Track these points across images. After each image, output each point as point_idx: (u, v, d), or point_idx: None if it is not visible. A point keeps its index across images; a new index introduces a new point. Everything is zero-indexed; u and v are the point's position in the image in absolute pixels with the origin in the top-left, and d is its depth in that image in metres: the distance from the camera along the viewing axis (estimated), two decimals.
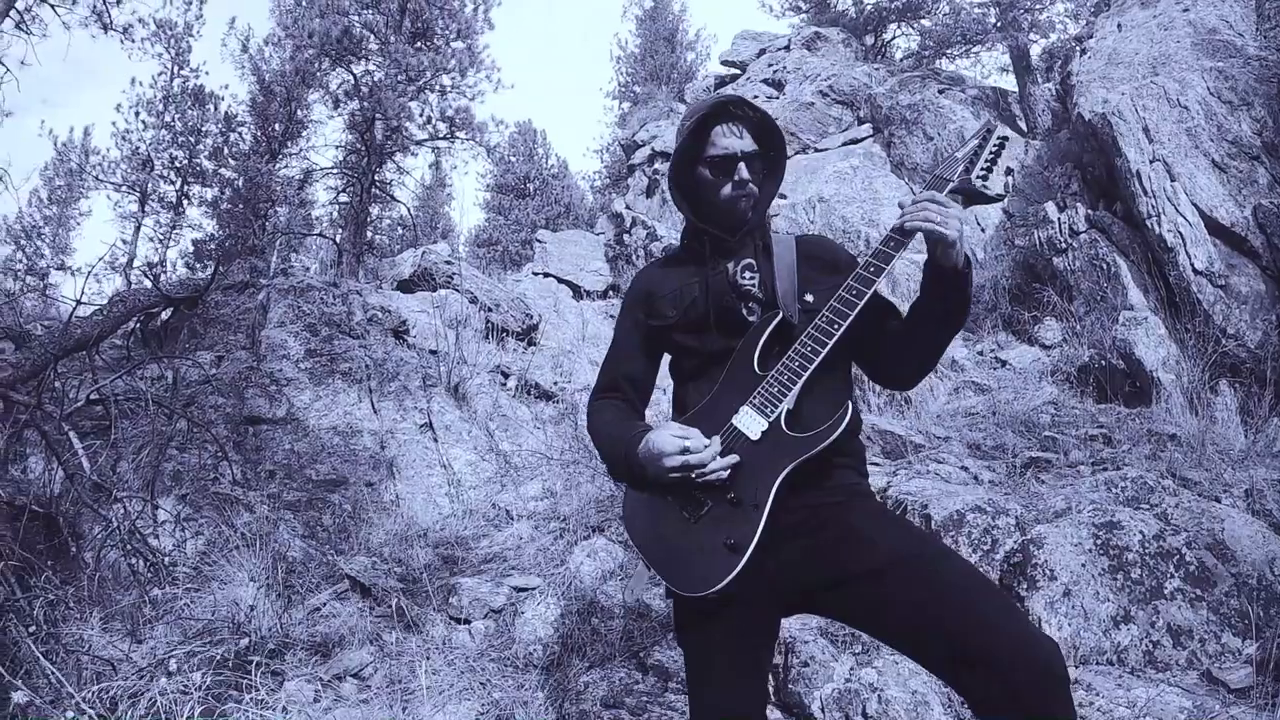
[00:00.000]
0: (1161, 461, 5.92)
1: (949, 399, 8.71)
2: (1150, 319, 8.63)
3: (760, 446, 2.29)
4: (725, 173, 2.52)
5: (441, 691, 4.63)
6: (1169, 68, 10.95)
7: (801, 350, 2.32)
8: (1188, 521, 4.58)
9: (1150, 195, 9.47)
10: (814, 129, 17.29)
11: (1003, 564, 4.41)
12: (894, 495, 5.11)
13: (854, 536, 2.26)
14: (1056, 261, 10.07)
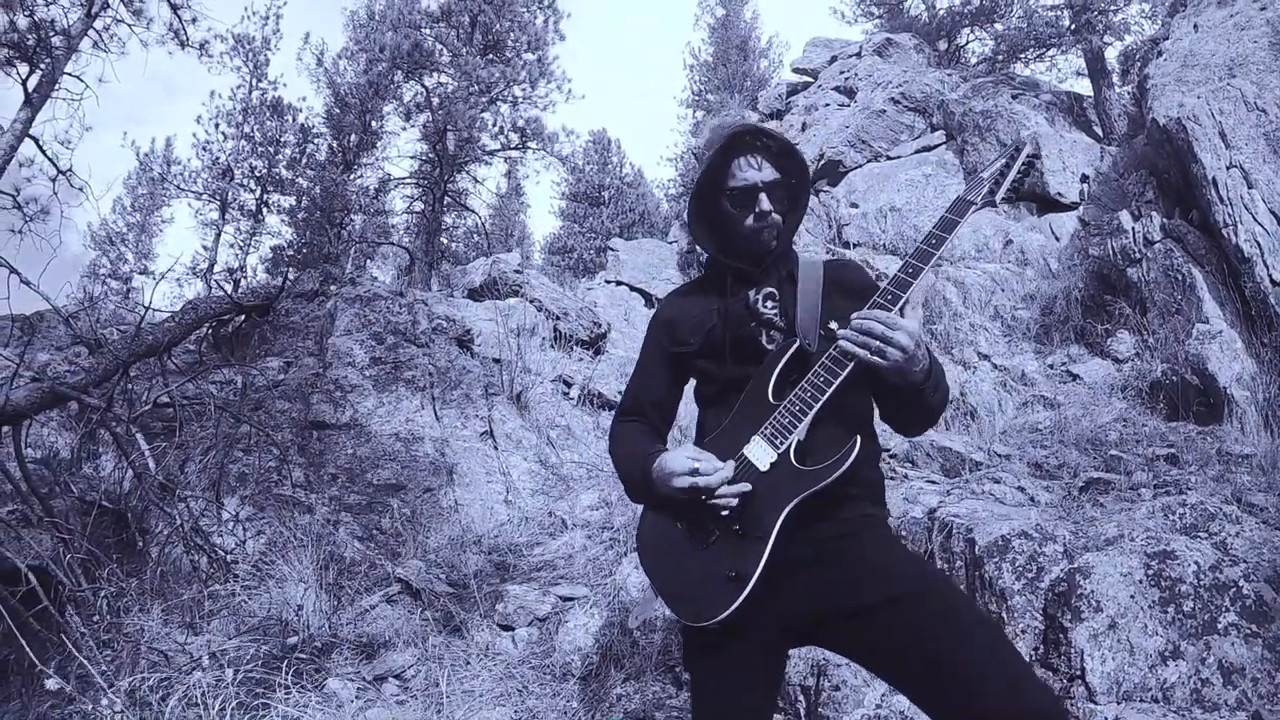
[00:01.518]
0: (1228, 484, 5.76)
1: (1017, 413, 8.57)
2: (1226, 332, 8.39)
3: (769, 478, 2.30)
4: (746, 205, 2.55)
5: (479, 695, 4.74)
6: (1246, 69, 10.62)
7: (814, 381, 2.33)
8: (1248, 551, 4.46)
9: (1227, 203, 9.19)
10: (886, 136, 17.10)
11: (1047, 593, 4.33)
12: (941, 517, 5.06)
13: (858, 571, 2.28)
14: (1130, 272, 9.81)
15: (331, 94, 25.09)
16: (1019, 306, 11.10)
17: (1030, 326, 10.72)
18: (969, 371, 9.55)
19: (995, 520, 4.84)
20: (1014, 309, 11.07)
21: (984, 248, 13.13)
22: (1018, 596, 4.38)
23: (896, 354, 2.19)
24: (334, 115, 25.32)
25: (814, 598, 2.29)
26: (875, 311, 2.26)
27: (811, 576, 2.31)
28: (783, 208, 2.59)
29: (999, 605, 4.40)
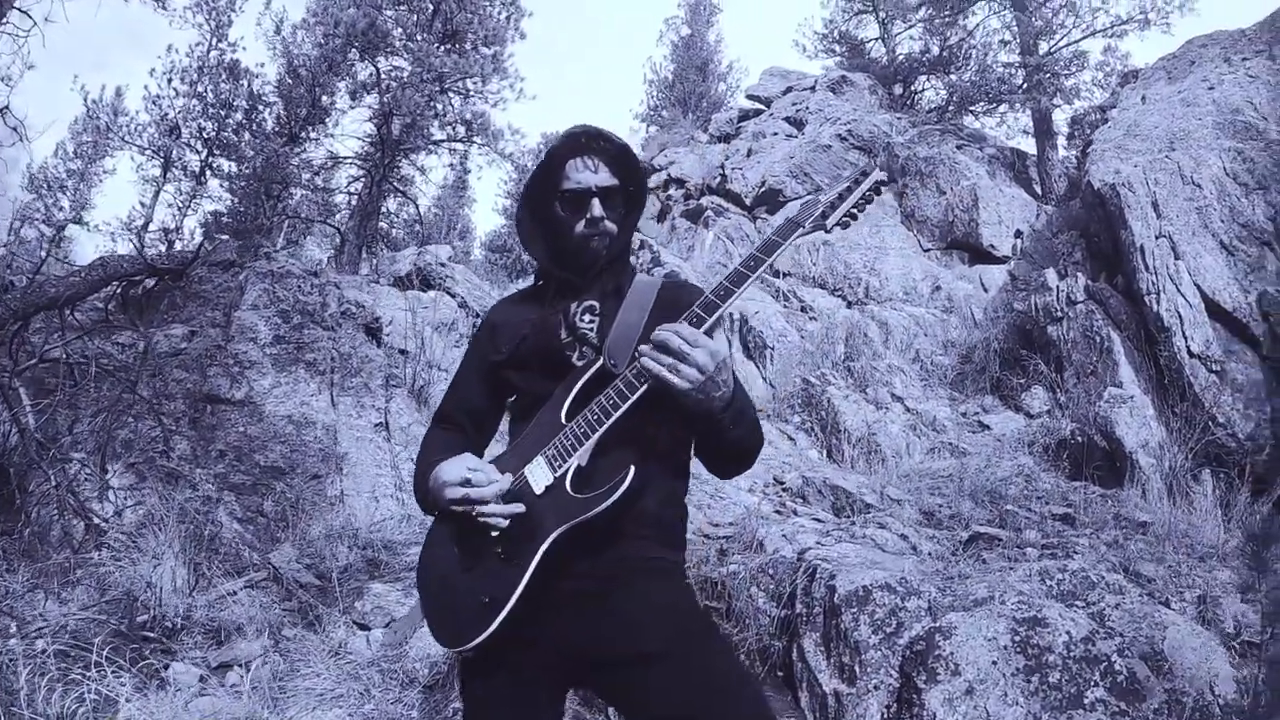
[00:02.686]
0: (1121, 551, 5.65)
1: (923, 458, 8.50)
2: (1138, 398, 8.40)
3: (543, 501, 2.13)
4: (578, 210, 2.38)
5: (319, 695, 4.55)
6: (1187, 144, 10.70)
7: (603, 403, 2.13)
8: (1126, 625, 4.30)
9: (1152, 272, 9.23)
10: (828, 171, 17.14)
11: (905, 650, 4.14)
12: (809, 559, 4.86)
13: (617, 619, 2.11)
14: (1051, 330, 9.84)
15: (285, 63, 24.54)
16: (939, 352, 11.11)
17: (948, 373, 10.72)
18: (880, 412, 9.45)
19: (862, 569, 4.64)
20: (934, 354, 11.08)
21: (912, 291, 13.19)
22: (873, 651, 4.19)
23: (693, 373, 1.99)
24: (285, 85, 24.75)
25: (574, 639, 2.13)
26: (677, 326, 2.06)
27: (575, 616, 2.13)
28: (617, 216, 2.43)
29: (852, 658, 4.20)
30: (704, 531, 6.11)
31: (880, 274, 13.85)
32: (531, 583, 2.04)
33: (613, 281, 2.44)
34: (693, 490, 6.84)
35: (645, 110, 34.46)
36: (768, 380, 10.97)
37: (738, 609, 4.84)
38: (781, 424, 9.68)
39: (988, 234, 14.39)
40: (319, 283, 10.62)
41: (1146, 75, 14.30)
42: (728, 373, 2.06)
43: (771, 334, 11.59)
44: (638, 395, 2.08)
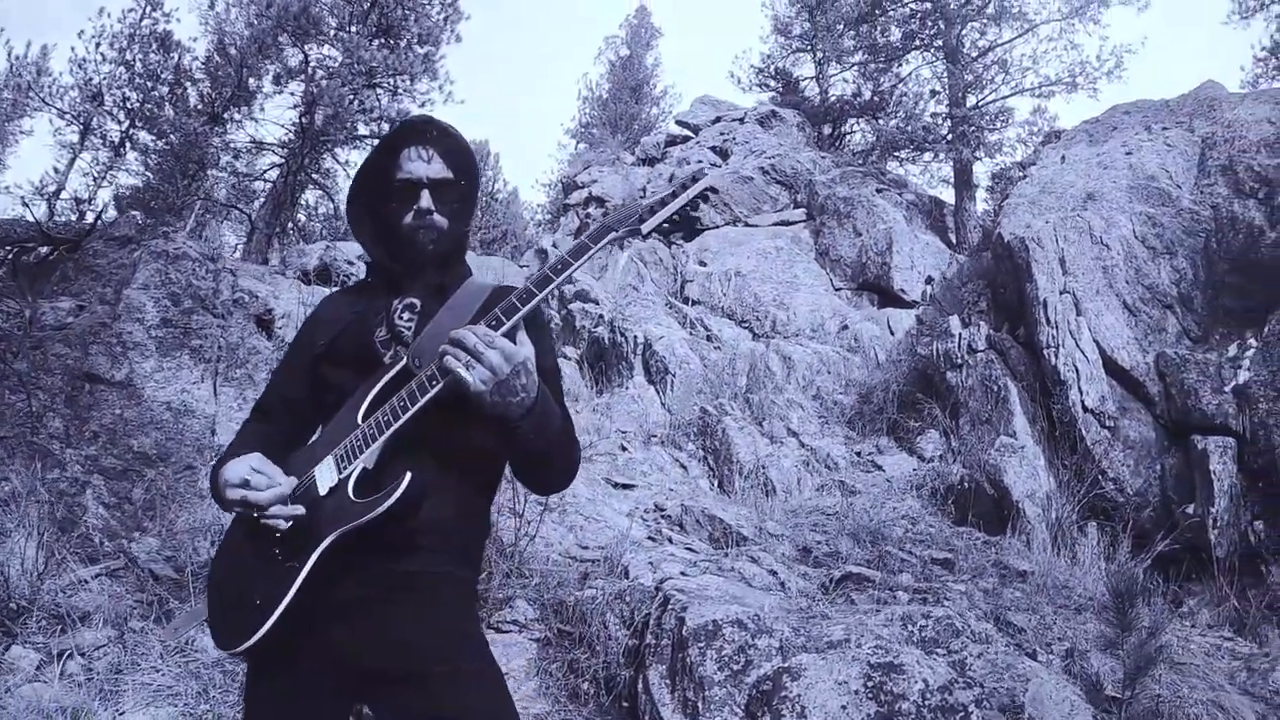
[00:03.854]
0: (995, 599, 5.58)
1: (813, 495, 8.43)
2: (1030, 448, 8.47)
3: (325, 502, 2.05)
4: (407, 200, 2.28)
5: (154, 690, 4.42)
6: (1099, 205, 10.91)
7: (395, 404, 2.05)
8: (987, 675, 4.19)
9: (1053, 326, 9.35)
10: (749, 203, 17.27)
11: (751, 689, 3.99)
12: (666, 589, 4.72)
13: (395, 633, 2.04)
14: (950, 376, 9.92)
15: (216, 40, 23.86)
16: (840, 391, 11.14)
17: (846, 411, 10.74)
18: (774, 445, 9.38)
19: (716, 603, 4.50)
20: (835, 392, 11.11)
21: (819, 328, 13.27)
22: (718, 688, 4.04)
23: (485, 374, 1.90)
24: (214, 63, 24.08)
25: (346, 650, 2.04)
26: (474, 326, 1.97)
27: (349, 626, 2.05)
28: (449, 211, 2.32)
29: (696, 694, 4.05)
30: (571, 554, 5.97)
31: (789, 309, 13.91)
32: (306, 587, 1.95)
33: (438, 279, 2.35)
34: (568, 511, 6.69)
35: (576, 126, 34.54)
36: (666, 406, 10.86)
37: (591, 635, 4.67)
38: (675, 450, 9.55)
39: (899, 278, 14.60)
40: (214, 268, 10.37)
41: (1069, 136, 14.67)
42: (527, 379, 1.97)
43: (674, 360, 11.50)
44: (429, 397, 2.00)
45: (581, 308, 13.82)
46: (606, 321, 12.90)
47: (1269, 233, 9.65)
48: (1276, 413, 8.08)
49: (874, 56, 22.06)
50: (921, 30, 21.10)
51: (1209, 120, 11.93)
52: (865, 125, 22.68)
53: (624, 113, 32.31)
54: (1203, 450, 8.17)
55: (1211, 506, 7.87)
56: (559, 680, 4.48)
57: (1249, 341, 8.96)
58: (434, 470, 2.07)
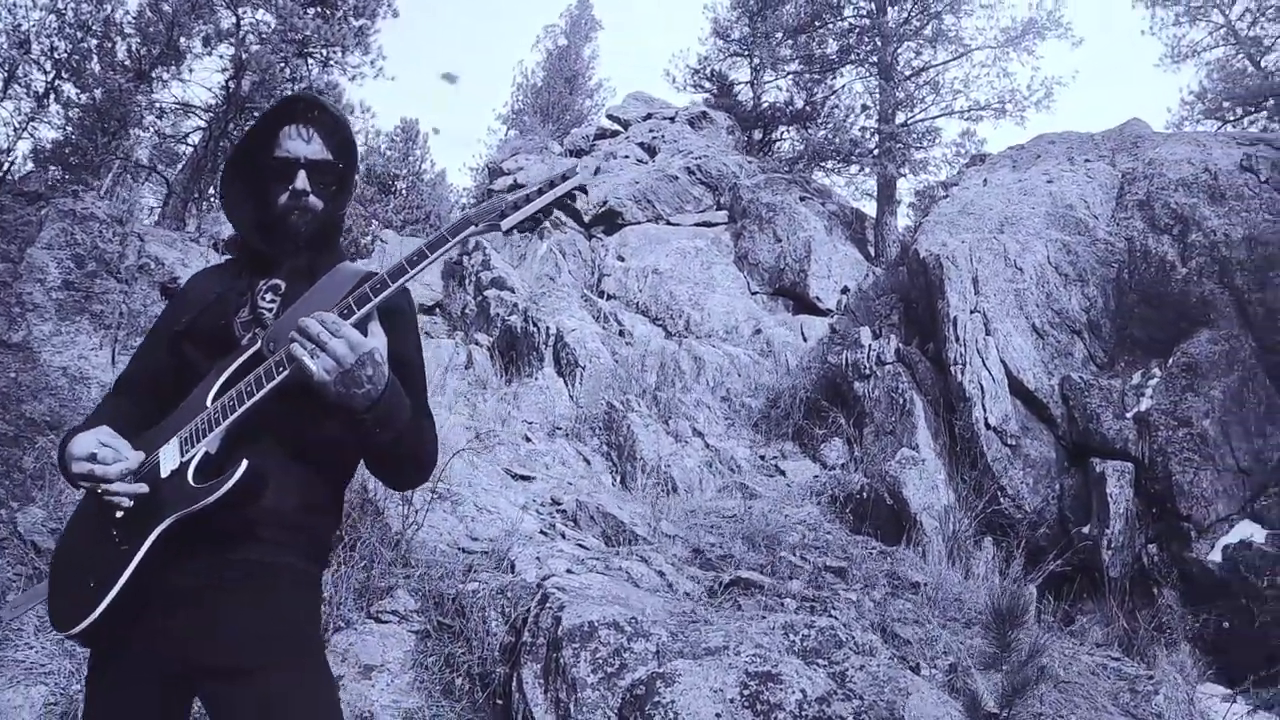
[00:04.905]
0: (884, 610, 5.53)
1: (714, 496, 8.37)
2: (931, 462, 8.54)
3: (166, 485, 1.97)
4: (283, 180, 2.21)
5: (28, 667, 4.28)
6: (1016, 229, 11.05)
7: (242, 389, 1.98)
8: (868, 687, 4.12)
9: (962, 343, 9.44)
10: (672, 202, 17.23)
11: (625, 693, 3.90)
12: (548, 587, 4.58)
13: (225, 625, 1.98)
14: (858, 386, 9.99)
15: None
16: (748, 394, 11.14)
17: (754, 415, 10.70)
18: (678, 444, 9.31)
19: (595, 603, 4.39)
20: (743, 395, 11.09)
21: (733, 331, 13.27)
22: (590, 690, 3.93)
23: (329, 362, 1.85)
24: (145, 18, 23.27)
25: (178, 638, 1.96)
26: (322, 313, 1.91)
27: (180, 613, 1.98)
28: (324, 193, 2.27)
29: (569, 695, 3.95)
30: (459, 545, 5.82)
31: (704, 309, 13.89)
32: (141, 573, 1.90)
33: (307, 263, 2.27)
34: (461, 501, 6.52)
35: (508, 112, 34.21)
36: (574, 399, 10.72)
37: (470, 629, 4.52)
38: (579, 444, 9.43)
39: (816, 286, 14.68)
40: (122, 231, 10.10)
41: (993, 160, 14.92)
42: (375, 370, 1.91)
43: (585, 353, 11.38)
44: (274, 384, 1.94)
45: (497, 295, 13.62)
46: (520, 310, 12.72)
47: (1180, 268, 9.84)
48: (1175, 441, 8.25)
49: (809, 67, 22.18)
50: (858, 45, 21.25)
51: (1131, 156, 12.16)
52: (795, 133, 22.79)
53: (556, 102, 32.09)
54: (1101, 473, 8.34)
55: (1107, 528, 8.04)
56: (434, 674, 4.35)
57: (1153, 371, 9.15)
58: (280, 458, 2.04)
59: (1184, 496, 8.03)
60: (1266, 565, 7.37)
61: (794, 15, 22.25)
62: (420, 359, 2.35)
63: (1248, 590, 7.35)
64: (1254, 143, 11.82)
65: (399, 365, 2.06)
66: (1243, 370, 8.86)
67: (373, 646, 4.37)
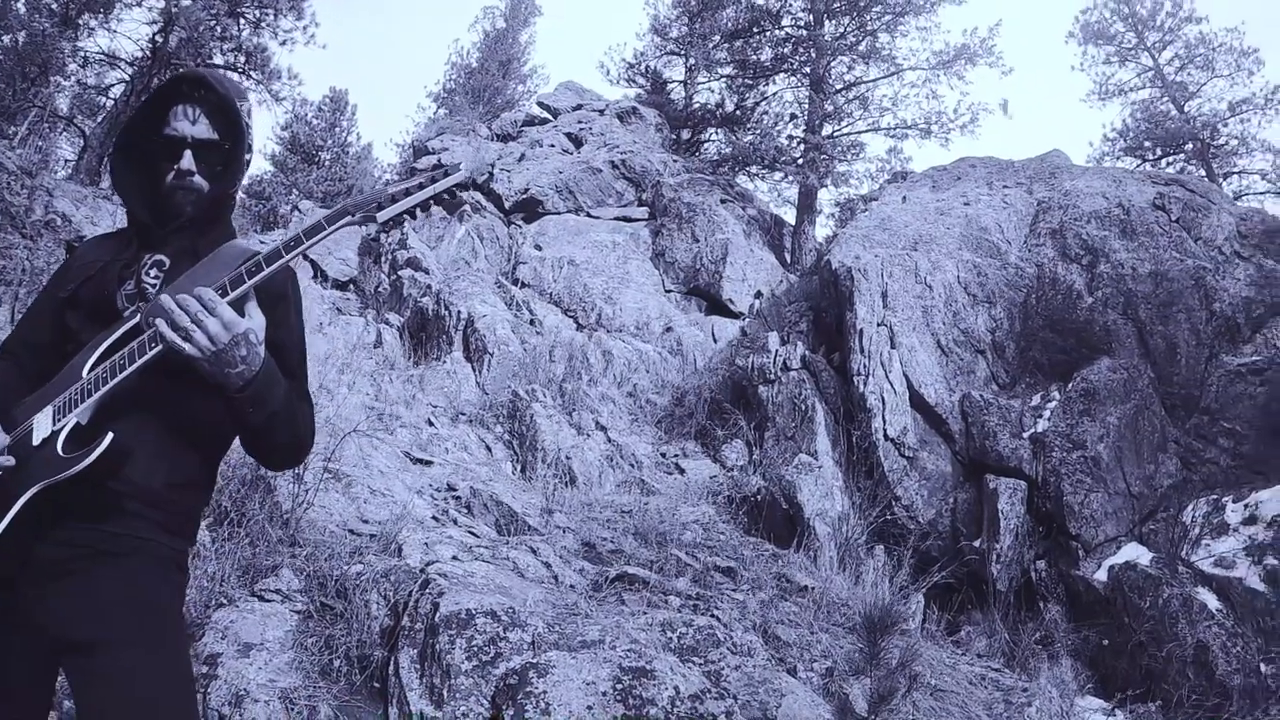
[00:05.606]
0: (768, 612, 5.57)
1: (613, 490, 8.38)
2: (828, 469, 8.65)
3: (35, 453, 1.98)
4: (170, 158, 2.24)
5: None
6: (929, 248, 11.24)
7: (118, 361, 2.00)
8: (742, 687, 4.16)
9: (866, 355, 9.60)
10: (594, 194, 17.26)
11: (499, 681, 3.90)
12: (430, 573, 4.57)
13: (84, 599, 1.97)
14: (762, 390, 10.10)
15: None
16: (655, 391, 11.19)
17: (657, 412, 10.77)
18: (581, 437, 9.30)
19: (475, 591, 4.40)
20: (649, 392, 11.14)
21: (644, 327, 13.32)
22: (464, 677, 3.93)
23: (203, 340, 1.90)
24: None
25: (39, 610, 1.97)
26: (199, 291, 1.95)
27: (43, 586, 1.98)
28: (210, 172, 2.29)
29: (443, 681, 3.93)
30: (350, 526, 5.73)
31: (617, 304, 13.96)
32: (6, 543, 1.90)
33: (192, 241, 2.30)
34: (355, 483, 6.41)
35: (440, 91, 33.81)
36: (481, 385, 10.65)
37: (351, 611, 4.45)
38: (482, 431, 9.35)
39: (729, 288, 14.85)
40: (31, 184, 9.73)
41: (914, 179, 15.15)
42: (249, 351, 1.97)
43: (494, 340, 11.32)
44: (146, 359, 1.96)
45: (411, 275, 13.47)
46: (433, 293, 12.59)
47: (1086, 297, 10.12)
48: (1069, 463, 8.47)
49: (743, 72, 22.42)
50: (792, 55, 21.56)
51: (1048, 186, 12.44)
52: (722, 136, 22.97)
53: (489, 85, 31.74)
54: (994, 489, 8.53)
55: (996, 543, 8.22)
56: (314, 655, 4.27)
57: (1052, 394, 9.39)
58: (152, 432, 2.06)
59: (1074, 517, 8.24)
60: (1149, 586, 7.60)
61: (733, 19, 22.54)
62: (301, 342, 2.36)
63: (1130, 609, 7.57)
64: (1168, 183, 12.21)
65: (277, 347, 2.14)
66: (1140, 399, 9.13)
67: (253, 625, 4.28)
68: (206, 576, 4.51)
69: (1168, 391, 9.45)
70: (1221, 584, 7.63)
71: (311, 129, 34.21)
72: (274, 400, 2.05)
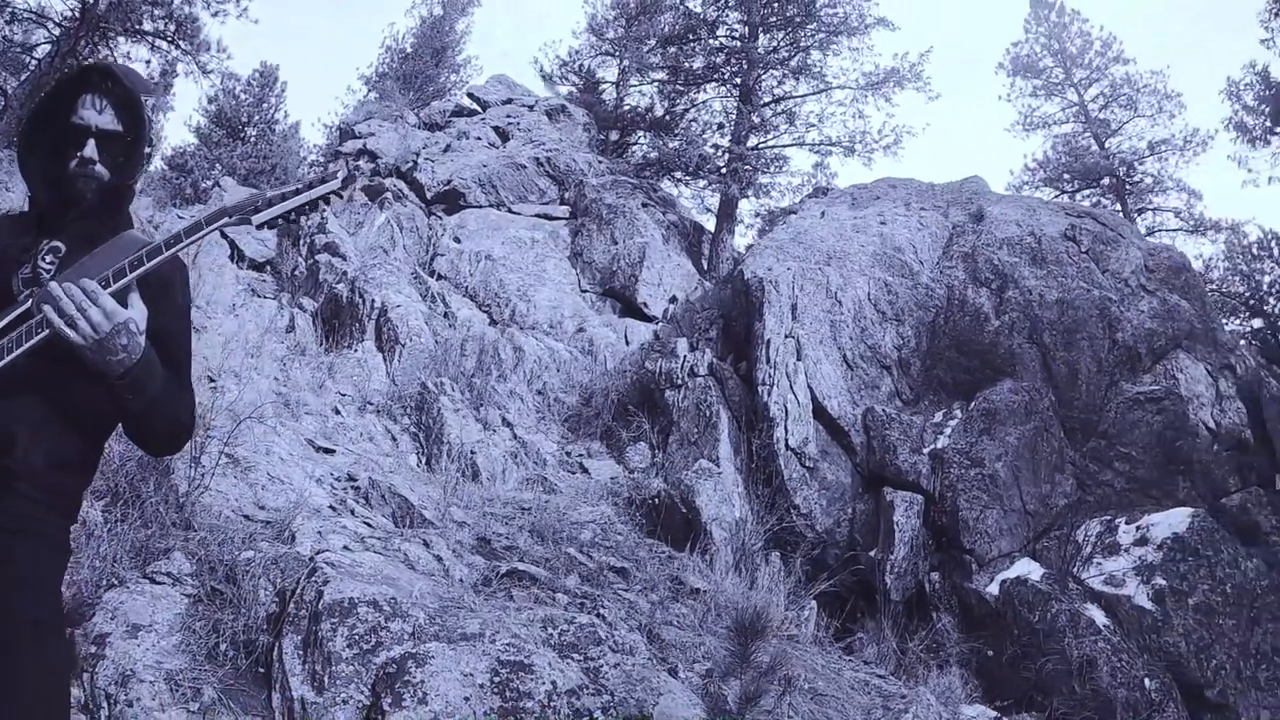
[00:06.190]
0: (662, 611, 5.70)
1: (516, 487, 8.43)
2: (729, 475, 8.82)
3: None
4: (75, 145, 2.28)
5: None
6: (842, 264, 11.47)
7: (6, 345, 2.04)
8: (620, 684, 4.29)
9: (772, 365, 9.79)
10: (516, 190, 17.28)
11: (379, 670, 4.00)
12: (319, 562, 4.64)
13: None
14: (669, 394, 10.27)
15: None
16: (564, 390, 11.25)
17: (565, 411, 10.88)
18: (487, 433, 9.34)
19: (361, 581, 4.48)
20: (558, 391, 11.21)
21: (557, 326, 13.39)
22: (345, 665, 4.01)
23: (86, 329, 1.97)
24: None
25: None
26: (85, 281, 2.02)
27: None
28: (112, 163, 2.34)
29: (324, 668, 4.01)
30: (245, 512, 5.73)
31: (532, 301, 14.00)
32: None
33: (90, 229, 2.31)
34: (255, 468, 6.38)
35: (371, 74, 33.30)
36: (391, 375, 10.61)
37: (240, 597, 4.50)
38: (389, 422, 9.33)
39: (645, 292, 15.02)
40: None
41: (834, 195, 15.44)
42: (129, 340, 2.04)
43: (407, 331, 11.29)
44: (30, 345, 2.01)
45: (328, 260, 13.31)
46: (349, 279, 12.48)
47: (994, 320, 10.44)
48: (966, 479, 8.74)
49: (675, 78, 22.52)
50: (724, 65, 21.74)
51: (964, 211, 12.73)
52: (650, 140, 23.05)
53: (421, 72, 31.28)
54: (890, 502, 8.80)
55: (891, 554, 8.47)
56: (201, 638, 4.29)
57: (954, 412, 9.66)
58: (37, 415, 2.10)
59: (968, 531, 8.51)
60: (1039, 601, 7.89)
61: (670, 25, 22.62)
62: (185, 333, 2.42)
63: (1019, 622, 7.85)
64: (1081, 215, 12.64)
65: (160, 337, 2.18)
66: (1040, 421, 9.45)
67: (143, 606, 4.30)
68: (98, 556, 4.50)
69: (1068, 415, 9.80)
70: (1110, 601, 7.97)
71: (238, 104, 33.46)
72: (153, 388, 2.12)
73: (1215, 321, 11.59)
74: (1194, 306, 10.95)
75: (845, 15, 21.07)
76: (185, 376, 2.34)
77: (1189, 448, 9.47)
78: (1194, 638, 7.65)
